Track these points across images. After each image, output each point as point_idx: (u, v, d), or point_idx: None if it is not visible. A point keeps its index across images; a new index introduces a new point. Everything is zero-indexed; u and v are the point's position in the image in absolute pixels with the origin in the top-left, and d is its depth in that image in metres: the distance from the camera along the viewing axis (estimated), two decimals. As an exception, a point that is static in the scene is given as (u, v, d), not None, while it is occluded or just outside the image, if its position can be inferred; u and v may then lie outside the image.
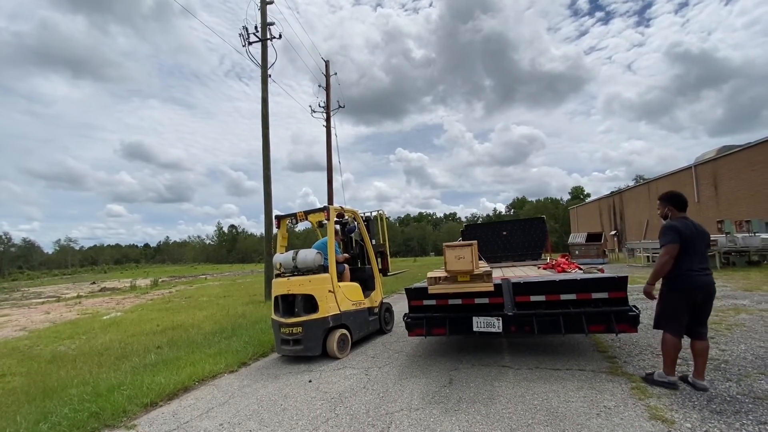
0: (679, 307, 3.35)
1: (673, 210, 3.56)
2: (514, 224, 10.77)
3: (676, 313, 3.37)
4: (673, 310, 3.39)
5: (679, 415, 2.92)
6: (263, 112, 12.81)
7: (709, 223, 24.74)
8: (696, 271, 3.31)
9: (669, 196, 3.63)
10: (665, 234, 3.39)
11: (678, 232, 3.32)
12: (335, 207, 6.24)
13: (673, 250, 3.30)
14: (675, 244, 3.30)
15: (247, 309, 10.18)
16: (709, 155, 29.01)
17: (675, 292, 3.37)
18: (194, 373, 4.80)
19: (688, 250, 3.31)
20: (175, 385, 4.41)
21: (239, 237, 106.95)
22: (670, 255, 3.31)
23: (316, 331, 5.21)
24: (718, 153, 28.01)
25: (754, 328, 5.16)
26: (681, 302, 3.34)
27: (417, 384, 4.05)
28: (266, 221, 12.57)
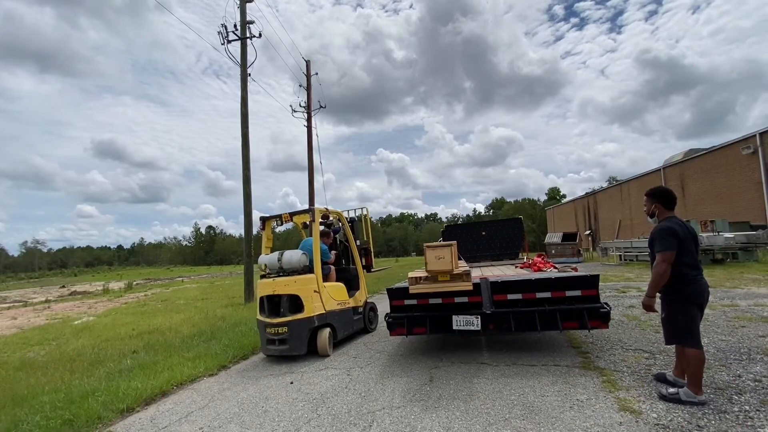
0: (694, 315, 3.06)
1: (661, 208, 3.29)
2: (492, 225, 10.99)
3: (693, 322, 3.05)
4: (688, 320, 3.05)
5: (646, 406, 3.08)
6: (243, 112, 12.63)
7: (677, 223, 25.89)
8: (698, 275, 3.09)
9: (659, 192, 3.34)
10: (664, 239, 3.04)
11: (677, 236, 3.04)
12: (320, 208, 6.31)
13: (671, 258, 3.01)
14: (673, 251, 3.01)
15: (227, 312, 10.02)
16: (677, 158, 30.30)
17: (685, 301, 3.06)
18: (172, 377, 4.72)
19: (687, 253, 3.06)
20: (152, 390, 4.32)
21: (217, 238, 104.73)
22: (668, 263, 3.02)
23: (301, 331, 5.26)
24: (685, 156, 29.27)
25: (717, 323, 5.46)
26: (694, 310, 3.07)
27: (398, 383, 4.11)
28: (246, 222, 12.41)
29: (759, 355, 4.00)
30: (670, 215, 3.26)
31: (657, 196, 3.32)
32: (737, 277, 10.96)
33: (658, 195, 3.32)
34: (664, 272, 3.02)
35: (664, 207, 3.29)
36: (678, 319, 3.09)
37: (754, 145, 21.47)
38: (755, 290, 8.27)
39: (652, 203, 3.32)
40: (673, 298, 3.11)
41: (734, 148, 23.06)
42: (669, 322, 3.16)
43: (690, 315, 3.05)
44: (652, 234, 3.22)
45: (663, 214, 3.28)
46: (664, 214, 3.28)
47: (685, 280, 3.05)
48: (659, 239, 3.08)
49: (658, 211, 3.30)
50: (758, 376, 3.47)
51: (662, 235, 3.07)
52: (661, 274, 3.01)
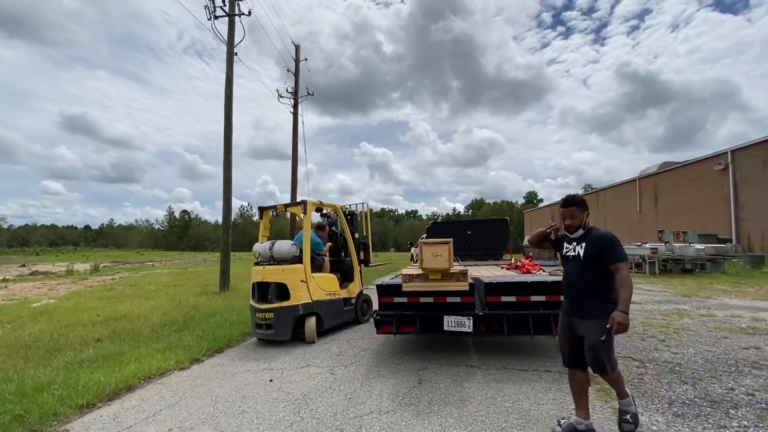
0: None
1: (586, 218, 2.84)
2: (478, 224, 10.94)
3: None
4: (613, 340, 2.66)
5: (644, 418, 2.99)
6: (227, 93, 12.07)
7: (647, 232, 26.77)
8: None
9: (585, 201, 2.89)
10: (619, 246, 2.65)
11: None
12: (313, 201, 6.37)
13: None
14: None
15: (200, 300, 9.57)
16: (652, 170, 31.29)
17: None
18: (139, 370, 4.35)
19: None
20: (116, 384, 3.96)
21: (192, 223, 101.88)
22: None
23: (286, 318, 5.51)
24: (659, 168, 30.25)
25: (699, 333, 5.51)
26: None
27: (386, 384, 3.90)
28: (225, 208, 11.91)
29: (747, 367, 4.01)
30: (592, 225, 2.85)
31: (586, 204, 2.87)
32: (708, 287, 11.31)
33: (586, 204, 2.88)
34: (632, 283, 2.56)
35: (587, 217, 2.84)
36: (612, 344, 2.65)
37: (725, 162, 22.33)
38: (728, 301, 8.51)
39: (585, 213, 2.83)
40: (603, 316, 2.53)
41: (707, 163, 23.93)
42: (610, 347, 2.63)
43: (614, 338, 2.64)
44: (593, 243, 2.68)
45: (588, 224, 2.85)
46: (588, 223, 2.84)
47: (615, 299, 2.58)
48: (615, 247, 2.61)
49: (587, 221, 2.83)
50: (750, 389, 3.45)
51: (616, 242, 2.64)
52: (632, 285, 2.53)
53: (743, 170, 21.46)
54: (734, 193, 21.84)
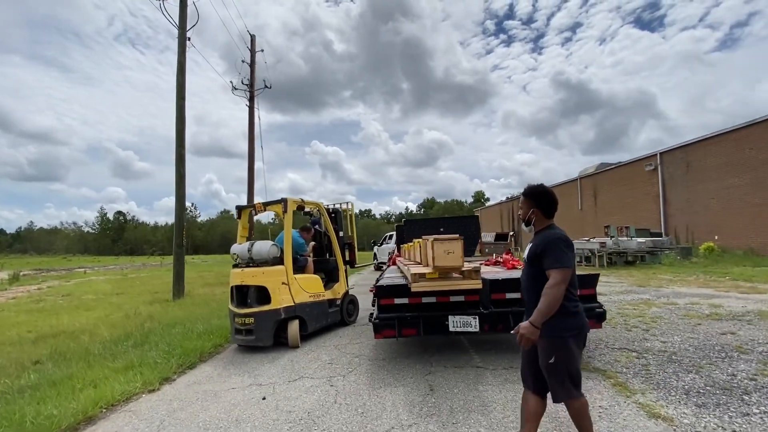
0: (579, 355, 2.31)
1: (539, 216, 2.39)
2: (450, 221, 10.96)
3: (578, 363, 2.29)
4: (576, 362, 2.27)
5: (672, 411, 2.96)
6: (179, 80, 11.02)
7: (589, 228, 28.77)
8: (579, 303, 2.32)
9: (540, 193, 2.41)
10: (562, 251, 2.20)
11: (572, 248, 2.26)
12: (294, 199, 6.03)
13: (568, 278, 2.18)
14: (571, 269, 2.20)
15: (154, 309, 8.59)
16: (590, 170, 33.67)
17: (574, 338, 2.24)
18: (99, 396, 3.67)
19: (573, 273, 2.27)
20: (73, 417, 3.28)
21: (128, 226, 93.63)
22: (566, 284, 2.17)
23: (267, 323, 5.24)
24: (597, 169, 32.61)
25: (675, 321, 5.80)
26: (579, 349, 2.31)
27: (395, 394, 3.60)
28: (178, 206, 10.86)
29: (734, 352, 4.22)
30: (550, 223, 2.39)
31: (535, 197, 2.40)
32: (653, 277, 12.24)
33: (536, 196, 2.40)
34: (561, 296, 2.13)
35: (542, 213, 2.39)
36: (571, 364, 2.22)
37: (655, 163, 24.51)
38: (678, 289, 9.20)
39: (530, 207, 2.42)
40: (560, 335, 2.20)
41: (639, 164, 26.15)
42: (563, 369, 2.22)
43: (576, 356, 2.26)
44: (538, 244, 2.31)
45: (540, 223, 2.39)
46: (543, 223, 2.39)
47: (571, 310, 2.23)
48: (555, 251, 2.20)
49: (536, 218, 2.40)
50: (749, 374, 3.59)
51: (559, 246, 2.21)
52: (558, 298, 2.12)
53: (670, 171, 23.69)
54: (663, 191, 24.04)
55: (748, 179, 18.18)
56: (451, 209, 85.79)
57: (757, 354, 4.11)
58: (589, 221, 30.76)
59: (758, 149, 17.75)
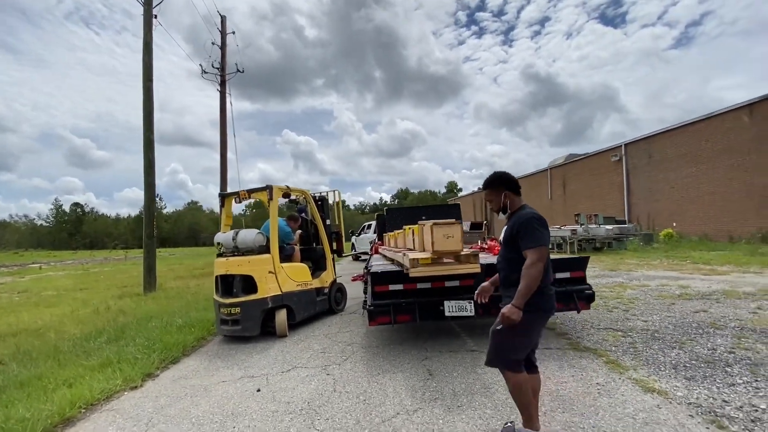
0: (536, 335, 2.39)
1: (512, 196, 2.44)
2: (432, 209, 10.98)
3: (528, 343, 2.36)
4: (530, 340, 2.34)
5: (665, 385, 3.08)
6: (145, 61, 10.38)
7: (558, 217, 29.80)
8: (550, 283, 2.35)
9: (503, 177, 2.48)
10: (536, 230, 2.23)
11: (547, 227, 2.29)
12: (281, 186, 5.86)
13: (546, 256, 2.22)
14: (547, 246, 2.24)
15: (125, 304, 8.14)
16: (559, 161, 34.79)
17: (536, 312, 2.25)
18: (76, 396, 3.41)
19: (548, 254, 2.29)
20: (49, 419, 3.03)
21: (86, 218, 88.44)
22: (544, 262, 2.19)
23: (254, 312, 5.14)
24: (566, 159, 33.72)
25: (650, 302, 6.08)
26: (539, 328, 2.37)
27: (395, 380, 3.55)
28: (147, 195, 10.30)
29: (710, 328, 4.46)
30: (523, 204, 2.46)
31: (503, 182, 2.46)
32: (622, 262, 12.84)
33: (503, 181, 2.46)
34: (539, 274, 2.16)
35: (514, 194, 2.44)
36: (516, 335, 2.26)
37: (620, 154, 25.59)
38: (647, 272, 9.69)
39: (501, 192, 2.44)
40: (527, 311, 2.18)
41: (605, 155, 27.23)
42: (508, 338, 2.27)
43: (530, 334, 2.32)
44: (512, 225, 2.34)
45: (515, 203, 2.44)
46: (516, 203, 2.44)
47: (544, 289, 2.26)
48: (529, 231, 2.22)
49: (510, 200, 2.43)
50: (727, 348, 3.79)
51: (533, 225, 2.23)
52: (536, 277, 2.15)
53: (633, 161, 24.81)
54: (627, 181, 25.18)
55: (704, 169, 19.30)
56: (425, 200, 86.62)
57: (731, 329, 4.36)
58: (559, 210, 31.85)
59: (713, 141, 18.84)
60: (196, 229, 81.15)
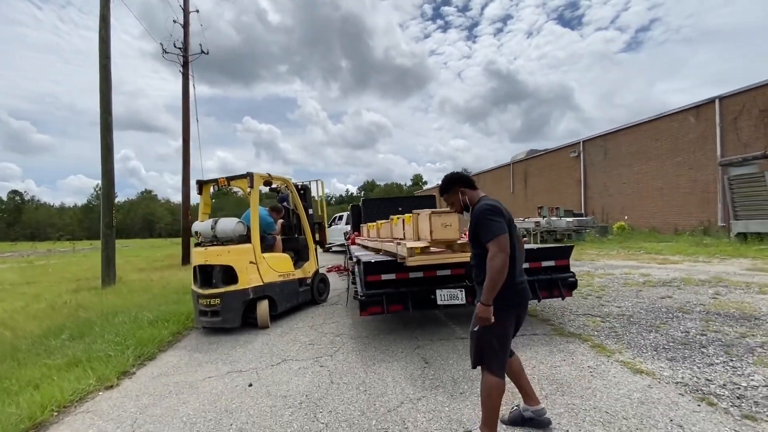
0: (510, 332, 2.27)
1: (470, 192, 2.42)
2: (408, 200, 11.01)
3: (507, 342, 2.27)
4: (505, 338, 2.24)
5: (650, 365, 3.26)
6: (102, 36, 9.58)
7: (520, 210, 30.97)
8: (522, 274, 2.33)
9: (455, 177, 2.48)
10: (490, 221, 2.14)
11: (501, 215, 2.18)
12: (262, 174, 5.68)
13: (506, 244, 2.10)
14: (506, 233, 2.13)
15: (83, 298, 7.54)
16: (521, 156, 36.06)
17: (508, 309, 2.20)
18: (46, 398, 3.11)
19: (512, 241, 2.18)
20: (17, 424, 2.73)
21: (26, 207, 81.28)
22: (506, 252, 2.08)
23: (235, 303, 5.01)
24: (527, 155, 35.00)
25: (619, 289, 6.44)
26: (511, 325, 2.27)
27: (392, 369, 3.52)
28: (104, 182, 9.58)
29: (679, 313, 4.78)
30: (481, 195, 2.41)
31: (457, 181, 2.45)
32: (583, 252, 13.54)
33: (457, 180, 2.46)
34: (502, 266, 2.06)
35: (471, 189, 2.43)
36: (493, 334, 2.20)
37: (578, 150, 26.86)
38: (608, 262, 10.27)
39: (458, 191, 2.44)
40: (496, 307, 2.13)
41: (564, 151, 28.48)
42: (482, 338, 2.22)
43: (506, 331, 2.24)
44: (471, 221, 2.30)
45: (474, 197, 2.40)
46: (476, 196, 2.40)
47: (509, 282, 2.15)
48: (484, 224, 2.15)
49: (468, 197, 2.41)
50: (698, 330, 4.07)
51: (485, 216, 2.16)
52: (499, 269, 2.06)
53: (590, 157, 26.14)
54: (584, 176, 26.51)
55: (654, 166, 20.65)
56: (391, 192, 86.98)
57: (697, 313, 4.70)
58: (520, 203, 33.05)
59: (662, 140, 20.18)
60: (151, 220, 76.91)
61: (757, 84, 15.35)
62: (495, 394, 2.24)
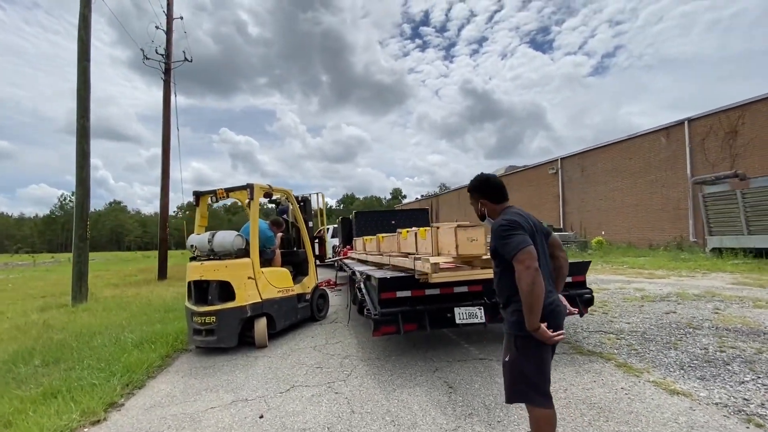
0: (546, 358, 2.03)
1: (489, 205, 2.24)
2: (401, 213, 10.87)
3: (545, 370, 2.03)
4: (540, 366, 2.01)
5: (684, 385, 3.15)
6: (81, 37, 9.07)
7: (503, 224, 31.47)
8: (551, 291, 2.05)
9: (480, 183, 2.27)
10: (509, 236, 1.95)
11: (521, 226, 1.98)
12: (262, 185, 5.40)
13: (533, 258, 1.87)
14: (530, 246, 1.90)
15: (53, 317, 6.89)
16: (500, 172, 36.89)
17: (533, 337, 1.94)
18: (22, 438, 2.67)
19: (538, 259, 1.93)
20: (-9, 473, 2.31)
21: (-22, 217, 76.09)
22: (534, 267, 1.85)
23: (231, 321, 4.72)
24: (506, 171, 35.84)
25: (620, 304, 6.42)
26: (546, 351, 2.01)
27: (415, 395, 3.27)
28: (79, 190, 8.94)
29: (689, 329, 4.76)
30: (503, 208, 2.21)
31: (478, 189, 2.27)
32: (569, 267, 13.70)
33: (478, 188, 2.27)
34: (534, 282, 1.83)
35: (491, 202, 2.24)
36: (529, 368, 2.00)
37: (556, 167, 27.66)
38: (599, 277, 10.36)
39: (477, 200, 2.29)
40: (524, 335, 1.95)
41: (543, 167, 29.28)
42: (515, 369, 2.05)
43: (542, 358, 2.01)
44: (491, 240, 2.11)
45: (494, 212, 2.23)
46: (496, 210, 2.22)
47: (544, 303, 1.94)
48: (502, 242, 1.97)
49: (487, 209, 2.25)
50: (716, 347, 4.03)
51: (501, 235, 1.98)
52: (529, 290, 1.83)
53: (568, 174, 26.95)
54: (562, 192, 27.27)
55: (628, 183, 21.44)
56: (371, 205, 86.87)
57: (707, 329, 4.69)
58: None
59: (635, 159, 21.03)
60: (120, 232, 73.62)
61: (723, 108, 16.29)
62: (544, 425, 2.05)
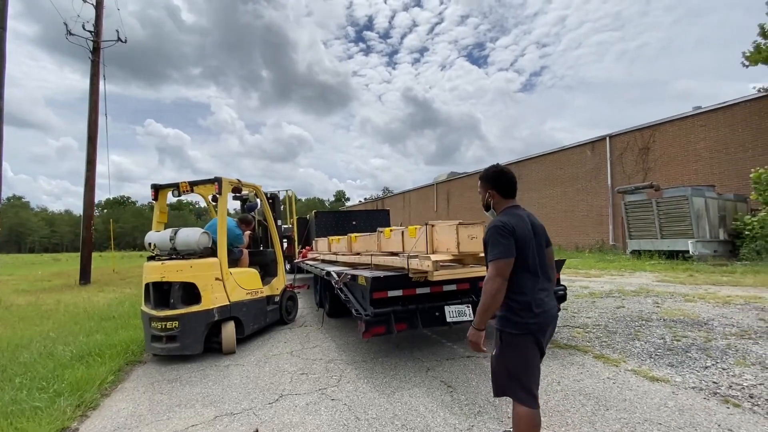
0: (532, 357, 2.06)
1: (496, 197, 2.22)
2: (362, 214, 10.75)
3: (531, 368, 2.06)
4: (525, 364, 2.04)
5: (659, 372, 3.43)
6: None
7: (446, 228, 32.64)
8: (545, 295, 2.08)
9: (491, 174, 2.26)
10: (497, 242, 1.99)
11: (512, 235, 1.98)
12: (230, 179, 5.02)
13: (506, 269, 1.95)
14: (510, 258, 1.96)
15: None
16: (443, 177, 38.29)
17: (523, 335, 2.01)
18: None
19: (527, 260, 2.02)
20: None
21: None
22: (503, 277, 1.95)
23: (196, 326, 4.36)
24: (448, 177, 37.30)
25: (575, 301, 6.89)
26: (533, 350, 2.05)
27: (417, 396, 3.18)
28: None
29: (642, 321, 5.22)
30: (509, 205, 2.20)
31: (489, 179, 2.24)
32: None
33: (490, 178, 2.24)
34: (497, 291, 1.94)
35: (500, 195, 2.22)
36: (511, 360, 2.05)
37: (496, 174, 29.45)
38: (542, 277, 11.14)
39: (486, 190, 2.25)
40: (507, 331, 2.03)
41: (484, 173, 30.99)
42: (500, 363, 2.10)
43: (525, 357, 2.04)
44: (486, 232, 2.17)
45: (500, 206, 2.22)
46: (501, 204, 2.22)
47: (526, 302, 2.00)
48: (490, 243, 2.04)
49: (494, 200, 2.24)
50: (672, 337, 4.45)
51: (492, 236, 2.02)
52: (493, 294, 1.94)
53: (506, 181, 28.81)
54: (500, 198, 29.00)
55: (559, 191, 23.41)
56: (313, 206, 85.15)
57: (656, 321, 5.20)
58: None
59: (565, 169, 23.04)
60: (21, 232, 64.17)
61: (638, 127, 18.47)
62: (524, 425, 2.03)
